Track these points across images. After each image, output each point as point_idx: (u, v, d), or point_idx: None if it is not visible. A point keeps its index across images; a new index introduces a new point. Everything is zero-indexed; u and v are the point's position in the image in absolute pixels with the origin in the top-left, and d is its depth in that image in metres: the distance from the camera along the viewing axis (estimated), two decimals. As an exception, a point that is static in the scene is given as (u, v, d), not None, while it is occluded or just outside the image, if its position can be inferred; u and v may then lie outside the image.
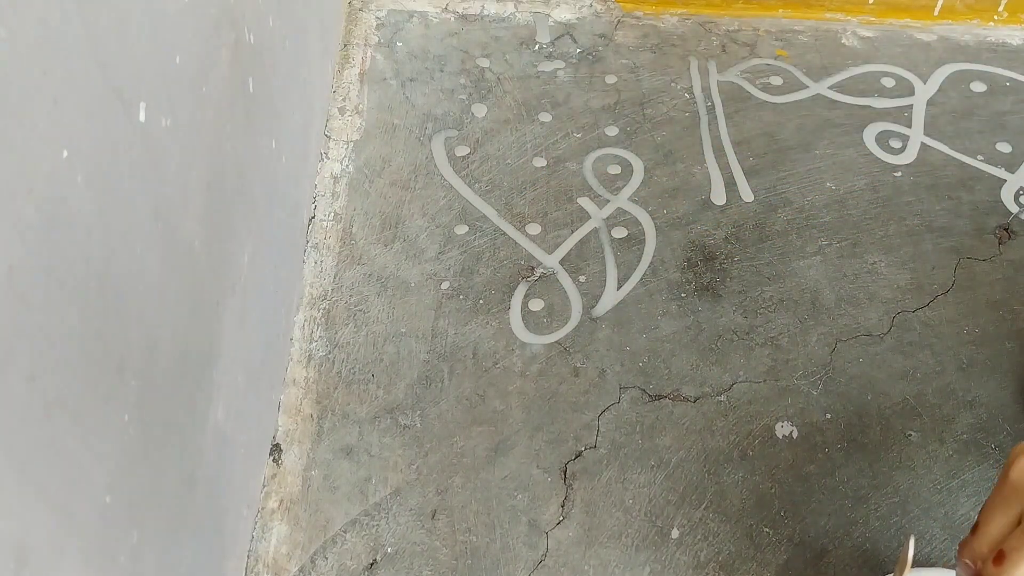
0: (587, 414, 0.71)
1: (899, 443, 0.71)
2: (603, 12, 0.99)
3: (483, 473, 0.68)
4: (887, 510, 0.68)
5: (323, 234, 0.80)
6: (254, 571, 0.64)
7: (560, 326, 0.76)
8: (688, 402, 0.72)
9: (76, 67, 0.34)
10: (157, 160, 0.43)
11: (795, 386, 0.73)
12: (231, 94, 0.55)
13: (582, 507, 0.67)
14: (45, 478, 0.34)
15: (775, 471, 0.69)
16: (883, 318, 0.77)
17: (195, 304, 0.50)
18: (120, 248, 0.39)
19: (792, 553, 0.66)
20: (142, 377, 0.42)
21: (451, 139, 0.87)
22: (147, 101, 0.41)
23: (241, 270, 0.58)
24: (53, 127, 0.33)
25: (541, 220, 0.82)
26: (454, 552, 0.65)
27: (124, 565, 0.41)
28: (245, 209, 0.59)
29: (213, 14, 0.51)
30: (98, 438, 0.38)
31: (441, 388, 0.72)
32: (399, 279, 0.78)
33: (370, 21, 0.97)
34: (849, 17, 1.01)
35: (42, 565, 0.33)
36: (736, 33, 0.99)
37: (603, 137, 0.89)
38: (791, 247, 0.82)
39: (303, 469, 0.68)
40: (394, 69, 0.93)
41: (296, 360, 0.73)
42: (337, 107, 0.89)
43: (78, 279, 0.35)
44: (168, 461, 0.47)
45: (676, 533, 0.66)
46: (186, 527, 0.51)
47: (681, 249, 0.81)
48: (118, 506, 0.40)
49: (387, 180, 0.84)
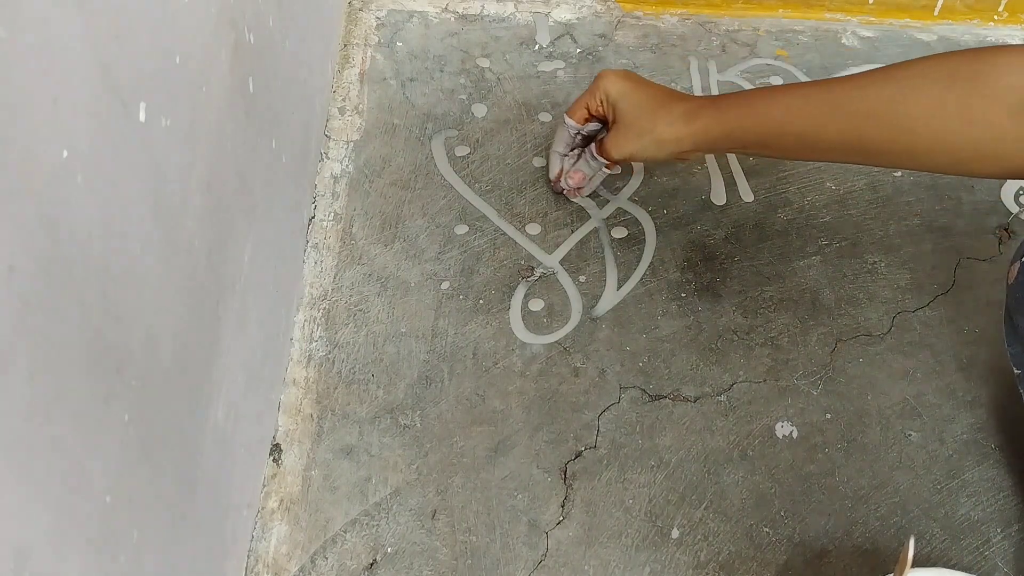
0: (587, 414, 0.71)
1: (899, 443, 0.71)
2: (603, 12, 0.99)
3: (483, 473, 0.68)
4: (887, 510, 0.68)
5: (323, 234, 0.80)
6: (254, 571, 0.64)
7: (560, 326, 0.76)
8: (688, 402, 0.72)
9: (76, 67, 0.34)
10: (157, 160, 0.43)
11: (795, 386, 0.73)
12: (231, 94, 0.55)
13: (582, 507, 0.67)
14: (45, 478, 0.34)
15: (775, 471, 0.69)
16: (883, 318, 0.77)
17: (195, 304, 0.50)
18: (120, 248, 0.39)
19: (792, 553, 0.66)
20: (142, 377, 0.42)
21: (451, 139, 0.87)
22: (147, 101, 0.41)
23: (241, 270, 0.58)
24: (53, 127, 0.33)
25: (541, 220, 0.82)
26: (454, 552, 0.65)
27: (124, 565, 0.41)
28: (245, 209, 0.59)
29: (213, 14, 0.51)
30: (98, 438, 0.38)
31: (441, 388, 0.72)
32: (399, 279, 0.78)
33: (370, 21, 0.97)
34: (849, 17, 1.01)
35: (42, 565, 0.33)
36: (736, 33, 0.99)
37: (603, 137, 0.89)
38: (791, 247, 0.82)
39: (303, 469, 0.68)
40: (394, 69, 0.93)
41: (296, 360, 0.73)
42: (337, 107, 0.89)
43: (78, 279, 0.35)
44: (168, 461, 0.47)
45: (676, 533, 0.66)
46: (186, 527, 0.51)
47: (681, 249, 0.81)
48: (118, 506, 0.40)
49: (387, 180, 0.84)
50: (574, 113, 0.77)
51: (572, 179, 0.79)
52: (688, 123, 0.70)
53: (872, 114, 0.62)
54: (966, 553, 0.66)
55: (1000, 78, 0.57)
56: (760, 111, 0.67)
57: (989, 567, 0.65)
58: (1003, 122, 0.57)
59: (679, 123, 0.71)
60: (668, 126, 0.71)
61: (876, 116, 0.62)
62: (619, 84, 0.74)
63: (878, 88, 0.63)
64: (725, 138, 0.70)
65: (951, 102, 0.59)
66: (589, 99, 0.76)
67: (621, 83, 0.74)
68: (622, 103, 0.73)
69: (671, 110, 0.71)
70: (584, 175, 0.79)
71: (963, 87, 0.58)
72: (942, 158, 0.62)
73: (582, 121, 0.78)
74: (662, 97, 0.73)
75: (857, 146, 0.64)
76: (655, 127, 0.72)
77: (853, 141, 0.64)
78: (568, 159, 0.79)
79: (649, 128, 0.72)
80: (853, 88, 0.64)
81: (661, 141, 0.72)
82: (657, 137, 0.72)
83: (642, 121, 0.72)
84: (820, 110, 0.64)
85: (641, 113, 0.72)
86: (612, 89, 0.74)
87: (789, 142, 0.67)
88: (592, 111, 0.77)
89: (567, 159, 0.80)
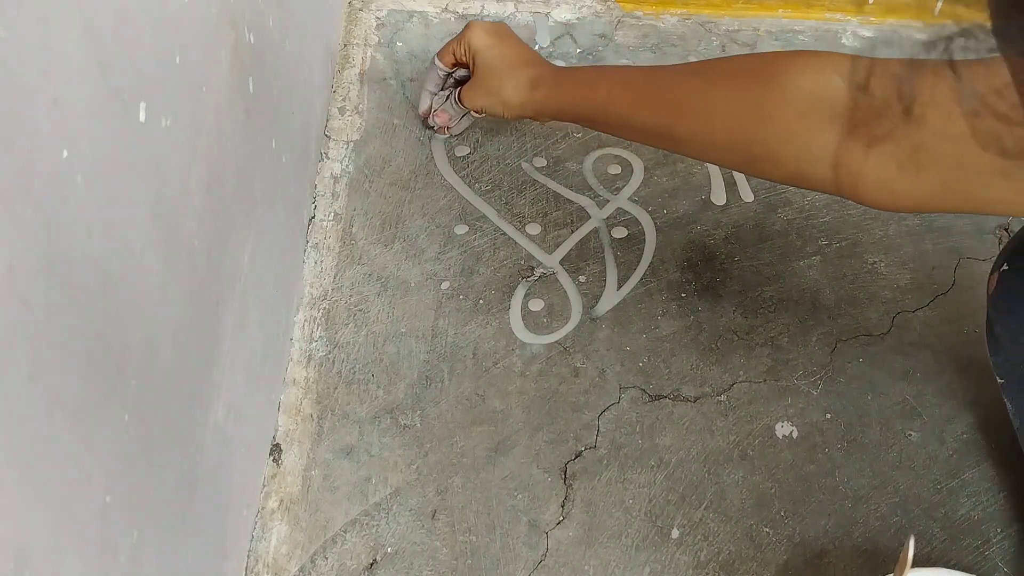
0: (587, 414, 0.71)
1: (899, 443, 0.71)
2: (603, 12, 0.99)
3: (483, 473, 0.68)
4: (887, 510, 0.68)
5: (323, 234, 0.80)
6: (254, 571, 0.64)
7: (560, 326, 0.76)
8: (688, 402, 0.72)
9: (76, 67, 0.34)
10: (157, 160, 0.43)
11: (795, 386, 0.73)
12: (231, 94, 0.55)
13: (582, 507, 0.67)
14: (45, 478, 0.34)
15: (775, 471, 0.69)
16: (883, 318, 0.77)
17: (195, 304, 0.50)
18: (120, 248, 0.39)
19: (792, 553, 0.66)
20: (142, 377, 0.42)
21: (451, 139, 0.87)
22: (147, 101, 0.41)
23: (241, 270, 0.58)
24: (53, 127, 0.33)
25: (541, 220, 0.82)
26: (454, 552, 0.65)
27: (124, 565, 0.41)
28: (245, 209, 0.59)
29: (213, 14, 0.51)
30: (98, 438, 0.38)
31: (441, 388, 0.72)
32: (399, 279, 0.78)
33: (370, 21, 0.97)
34: (849, 17, 1.01)
35: (42, 565, 0.33)
36: (736, 33, 0.99)
37: (603, 137, 0.89)
38: (791, 247, 0.82)
39: (303, 469, 0.68)
40: (394, 69, 0.93)
41: (296, 360, 0.73)
42: (337, 107, 0.89)
43: (78, 279, 0.35)
44: (168, 461, 0.47)
45: (676, 533, 0.66)
46: (186, 527, 0.51)
47: (681, 249, 0.81)
48: (118, 506, 0.40)
49: (387, 180, 0.84)
50: (443, 56, 0.80)
51: (438, 119, 0.83)
52: (530, 92, 0.74)
53: (680, 103, 0.64)
54: (966, 553, 0.66)
55: (792, 79, 0.57)
56: (588, 91, 0.70)
57: (989, 567, 0.65)
58: (791, 124, 0.57)
59: (523, 90, 0.74)
60: (513, 91, 0.74)
61: (683, 105, 0.64)
62: (482, 38, 0.76)
63: (688, 78, 0.65)
64: (560, 111, 0.74)
65: (748, 99, 0.60)
66: (456, 46, 0.79)
67: (484, 37, 0.76)
68: (480, 57, 0.77)
69: (519, 76, 0.74)
70: (449, 116, 0.82)
71: (760, 86, 0.59)
72: (736, 155, 0.63)
73: (450, 65, 0.81)
74: (514, 59, 0.76)
75: (668, 133, 0.66)
76: (502, 89, 0.75)
77: (664, 128, 0.66)
78: (438, 98, 0.83)
79: (497, 88, 0.75)
80: (669, 76, 0.67)
81: (506, 103, 0.75)
82: (503, 99, 0.75)
83: (492, 80, 0.76)
84: (638, 96, 0.67)
85: (492, 72, 0.76)
86: (476, 41, 0.76)
87: (613, 121, 0.70)
88: (457, 58, 0.80)
89: (436, 98, 0.83)
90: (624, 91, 0.68)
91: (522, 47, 0.78)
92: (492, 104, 0.77)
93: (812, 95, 0.56)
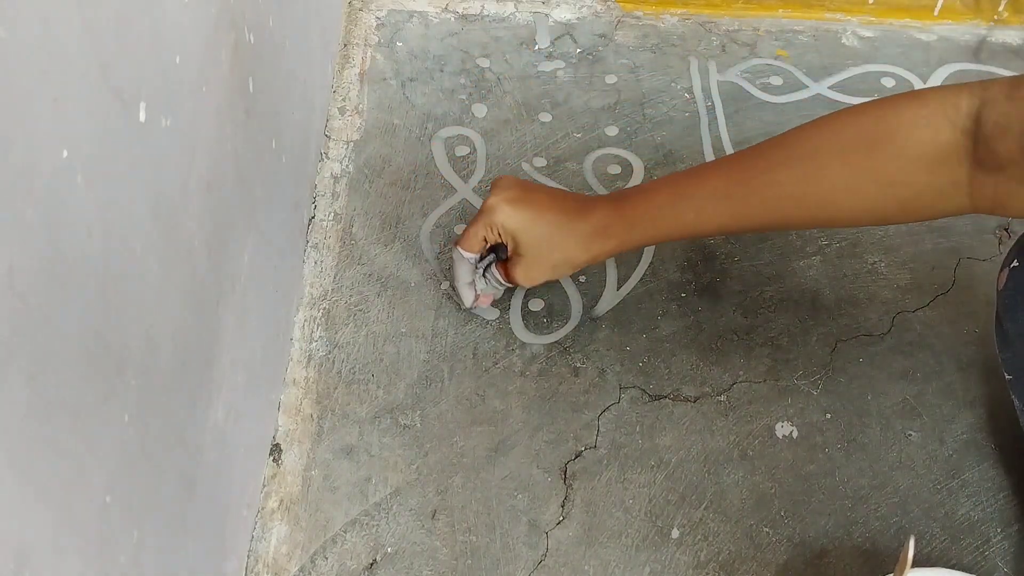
0: (587, 414, 0.71)
1: (899, 443, 0.71)
2: (603, 12, 0.99)
3: (483, 473, 0.68)
4: (887, 510, 0.68)
5: (323, 234, 0.80)
6: (254, 571, 0.64)
7: (560, 326, 0.76)
8: (688, 402, 0.72)
9: (76, 67, 0.34)
10: (157, 160, 0.43)
11: (795, 386, 0.73)
12: (231, 94, 0.55)
13: (582, 507, 0.67)
14: (45, 478, 0.34)
15: (775, 471, 0.69)
16: (883, 318, 0.77)
17: (195, 304, 0.50)
18: (120, 248, 0.39)
19: (792, 553, 0.66)
20: (142, 377, 0.42)
21: (451, 139, 0.87)
22: (147, 101, 0.41)
23: (241, 270, 0.58)
24: (53, 127, 0.33)
25: (541, 220, 0.82)
26: (454, 552, 0.65)
27: (124, 565, 0.41)
28: (245, 209, 0.59)
29: (213, 14, 0.51)
30: (98, 438, 0.38)
31: (441, 388, 0.72)
32: (399, 279, 0.78)
33: (370, 21, 0.97)
34: (849, 17, 1.01)
35: (42, 565, 0.33)
36: (736, 33, 0.99)
37: (603, 137, 0.89)
38: (791, 247, 0.82)
39: (303, 469, 0.68)
40: (394, 69, 0.93)
41: (296, 360, 0.73)
42: (337, 107, 0.89)
43: (78, 279, 0.35)
44: (168, 461, 0.47)
45: (676, 533, 0.66)
46: (186, 527, 0.51)
47: (681, 249, 0.81)
48: (118, 506, 0.40)
49: (387, 180, 0.84)
50: (468, 244, 0.70)
51: (482, 303, 0.75)
52: (601, 245, 0.67)
53: (788, 196, 0.61)
54: (966, 553, 0.66)
55: (910, 135, 0.56)
56: (671, 221, 0.64)
57: (989, 567, 0.65)
58: (921, 178, 0.56)
59: (591, 245, 0.67)
60: (578, 250, 0.67)
61: (793, 198, 0.61)
62: (515, 217, 0.67)
63: (788, 171, 0.60)
64: (643, 244, 0.69)
65: (866, 170, 0.58)
66: (485, 231, 0.68)
67: (517, 215, 0.67)
68: (523, 236, 0.67)
69: (576, 231, 0.67)
70: (493, 297, 0.75)
71: (877, 153, 0.57)
72: (868, 218, 0.62)
73: (478, 251, 0.71)
74: (564, 221, 0.67)
75: (781, 224, 0.64)
76: (567, 253, 0.68)
77: (776, 222, 0.63)
78: (479, 284, 0.74)
79: (561, 258, 0.68)
80: (762, 175, 0.61)
81: (576, 264, 0.69)
82: (572, 262, 0.68)
83: (552, 253, 0.68)
84: (735, 206, 0.62)
85: (543, 242, 0.67)
86: (509, 223, 0.67)
87: (710, 233, 0.65)
88: (490, 242, 0.70)
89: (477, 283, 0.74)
90: (716, 205, 0.63)
91: (555, 195, 0.69)
92: (558, 271, 0.70)
93: (934, 147, 0.55)
